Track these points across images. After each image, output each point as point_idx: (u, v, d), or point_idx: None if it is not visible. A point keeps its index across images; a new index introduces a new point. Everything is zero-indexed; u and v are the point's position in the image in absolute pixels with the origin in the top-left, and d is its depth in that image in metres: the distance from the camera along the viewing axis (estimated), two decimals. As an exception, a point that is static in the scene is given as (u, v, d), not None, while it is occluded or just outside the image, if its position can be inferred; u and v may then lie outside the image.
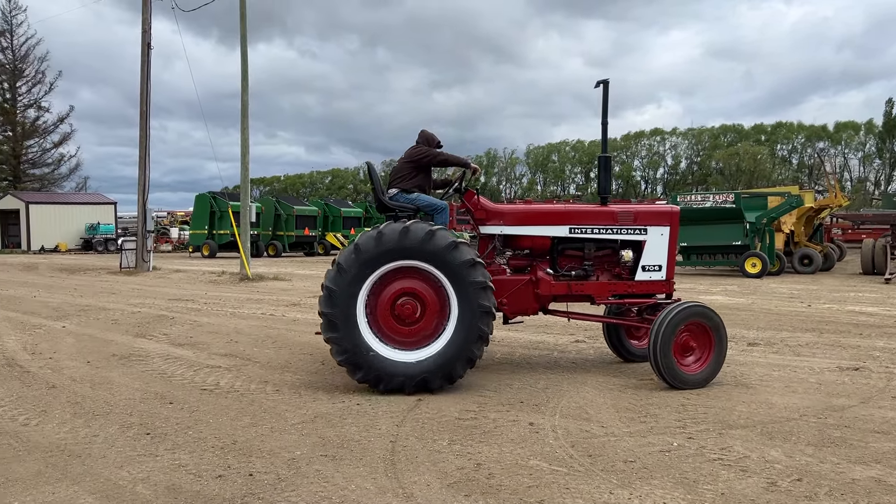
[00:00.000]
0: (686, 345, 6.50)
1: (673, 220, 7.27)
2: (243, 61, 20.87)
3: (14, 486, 4.20)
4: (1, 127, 57.76)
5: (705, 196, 20.74)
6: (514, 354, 8.18)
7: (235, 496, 4.02)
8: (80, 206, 46.52)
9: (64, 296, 15.41)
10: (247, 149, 20.89)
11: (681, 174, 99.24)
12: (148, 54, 23.27)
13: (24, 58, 57.82)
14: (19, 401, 6.20)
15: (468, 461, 4.55)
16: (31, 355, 8.29)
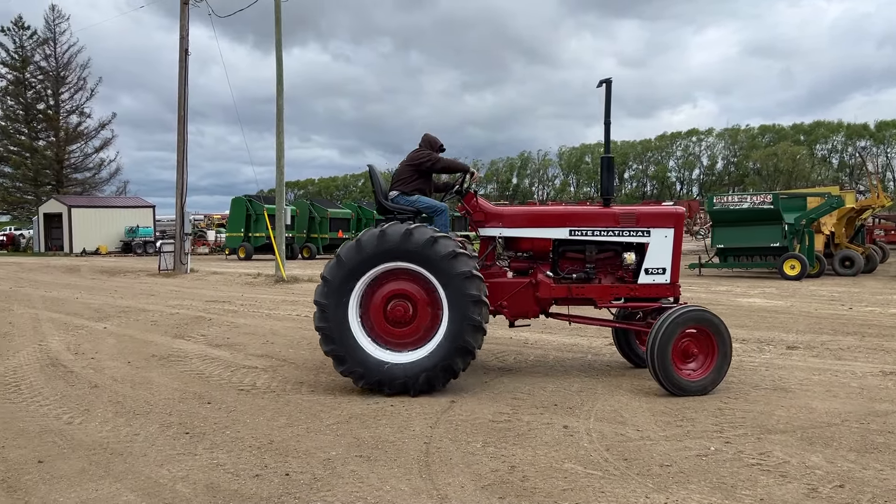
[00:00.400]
0: (687, 350, 6.33)
1: (677, 221, 7.07)
2: (278, 66, 21.13)
3: (59, 482, 4.32)
4: (45, 133, 59.30)
5: (742, 197, 20.39)
6: (548, 357, 8.15)
7: (272, 495, 4.08)
8: (119, 209, 47.53)
9: (105, 297, 15.76)
10: (282, 153, 21.15)
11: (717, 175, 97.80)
12: (185, 60, 23.70)
13: (66, 65, 59.31)
14: (63, 399, 6.37)
15: (502, 463, 4.55)
16: (74, 355, 8.50)
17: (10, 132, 58.16)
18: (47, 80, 58.92)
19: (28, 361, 8.14)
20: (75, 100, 60.05)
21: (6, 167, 57.97)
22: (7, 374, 7.46)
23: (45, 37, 58.65)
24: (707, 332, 6.30)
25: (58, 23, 58.92)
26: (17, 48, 58.30)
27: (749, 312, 11.74)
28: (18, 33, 58.39)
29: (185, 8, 23.66)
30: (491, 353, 8.39)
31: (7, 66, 57.99)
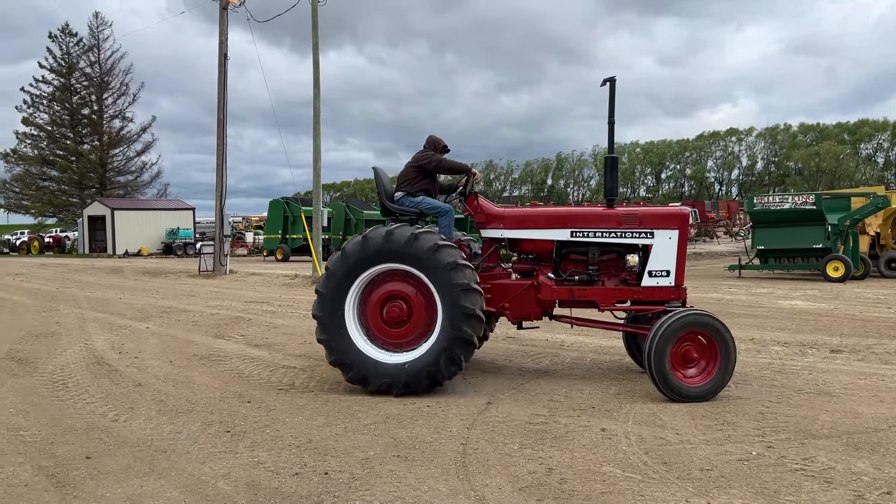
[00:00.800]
0: (687, 355, 6.15)
1: (682, 223, 6.87)
2: (315, 70, 21.36)
3: (106, 478, 4.43)
4: (89, 137, 60.85)
5: (784, 197, 19.98)
6: (585, 359, 8.09)
7: (312, 494, 4.13)
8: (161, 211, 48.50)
9: (147, 298, 16.10)
10: (319, 155, 21.37)
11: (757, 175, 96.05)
12: (224, 65, 24.10)
13: (109, 71, 60.82)
14: (108, 397, 6.53)
15: (539, 465, 4.53)
16: (118, 354, 8.71)
17: (56, 136, 59.82)
18: (92, 86, 60.46)
19: (74, 360, 8.36)
20: (118, 104, 61.60)
21: (53, 171, 59.62)
22: (55, 372, 7.67)
23: (90, 43, 60.24)
24: (708, 337, 6.12)
25: (101, 29, 60.52)
26: (64, 55, 59.97)
27: (791, 315, 11.51)
28: (65, 40, 60.06)
29: (225, 13, 24.07)
30: (527, 354, 8.37)
31: (54, 73, 59.66)
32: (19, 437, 5.30)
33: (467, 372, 7.42)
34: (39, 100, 59.72)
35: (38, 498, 4.12)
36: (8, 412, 6.02)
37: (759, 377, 6.94)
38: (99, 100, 60.69)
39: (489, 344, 9.00)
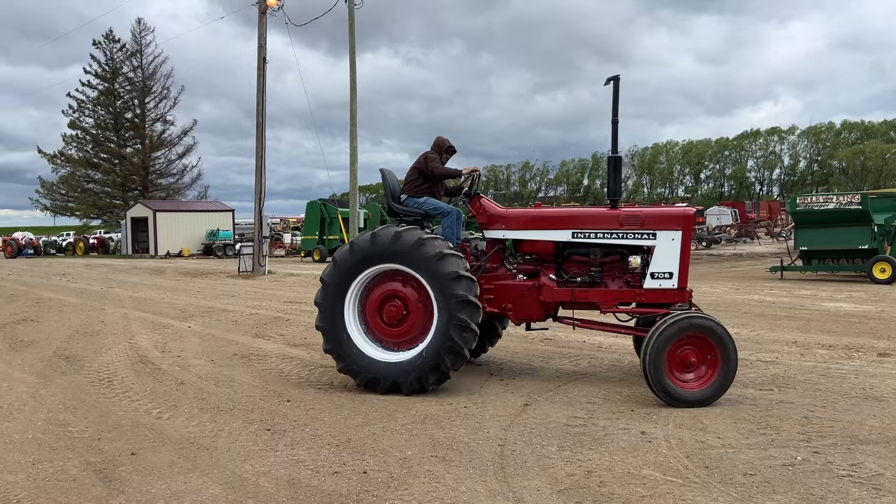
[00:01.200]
0: (685, 360, 6.00)
1: (686, 223, 6.69)
2: (352, 73, 21.55)
3: (151, 474, 4.53)
4: (132, 140, 62.20)
5: (828, 197, 19.51)
6: (623, 361, 8.01)
7: (351, 492, 4.16)
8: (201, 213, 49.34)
9: (188, 298, 16.40)
10: (355, 157, 21.56)
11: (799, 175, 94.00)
12: (263, 68, 24.44)
13: (151, 75, 62.04)
14: (152, 395, 6.67)
15: (578, 468, 4.51)
16: (161, 353, 8.89)
17: (100, 140, 61.29)
18: (134, 90, 61.77)
19: (119, 358, 8.56)
20: (160, 108, 62.76)
21: (97, 173, 61.10)
22: (101, 370, 7.87)
23: (133, 49, 61.56)
24: (707, 341, 5.95)
25: (144, 35, 61.78)
26: (108, 60, 61.41)
27: (836, 318, 11.23)
28: (109, 46, 61.51)
29: (263, 18, 24.41)
30: (564, 356, 8.32)
31: (99, 78, 61.15)
32: (68, 433, 5.44)
33: (503, 373, 7.41)
34: (85, 104, 61.25)
35: (86, 493, 4.23)
36: (57, 408, 6.20)
37: (803, 381, 6.80)
38: (141, 104, 62.00)
39: (525, 345, 8.98)
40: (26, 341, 9.88)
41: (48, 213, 64.14)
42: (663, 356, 5.89)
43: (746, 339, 9.13)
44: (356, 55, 21.66)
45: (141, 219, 47.43)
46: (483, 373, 7.47)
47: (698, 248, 34.79)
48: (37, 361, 8.39)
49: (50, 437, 5.36)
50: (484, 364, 7.91)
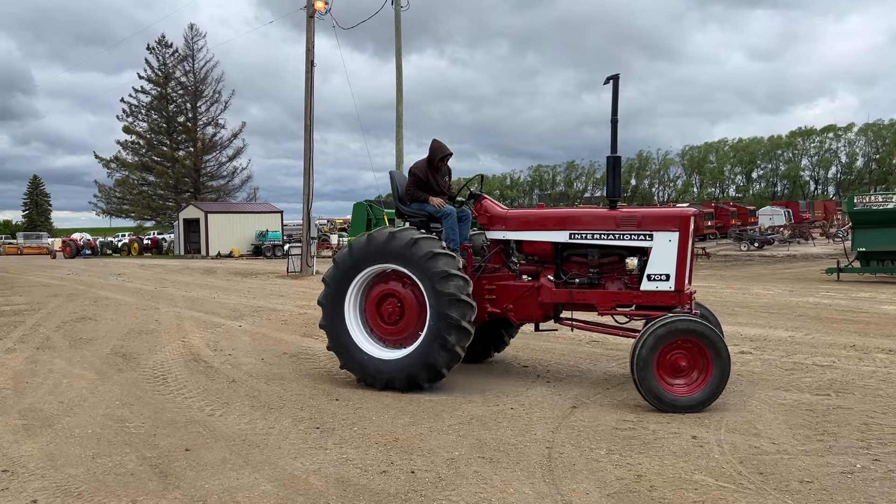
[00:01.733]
0: (676, 364, 5.87)
1: (683, 224, 6.47)
2: (398, 75, 21.69)
3: (205, 470, 4.63)
4: (184, 143, 63.79)
5: (888, 197, 18.85)
6: (673, 364, 7.87)
7: (399, 492, 4.19)
8: (250, 214, 50.27)
9: (239, 297, 16.73)
10: (401, 158, 21.69)
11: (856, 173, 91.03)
12: (311, 71, 24.77)
13: (203, 80, 63.55)
14: (205, 393, 6.82)
15: (628, 472, 4.45)
16: (213, 352, 9.08)
17: (154, 144, 63.02)
18: (186, 94, 63.35)
19: (173, 356, 8.78)
20: (211, 112, 64.24)
21: (151, 176, 62.82)
22: (156, 367, 8.08)
23: (185, 54, 63.13)
24: (699, 345, 5.81)
25: (196, 40, 63.28)
26: (161, 65, 63.09)
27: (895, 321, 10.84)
28: (162, 52, 63.18)
29: (311, 21, 24.74)
30: (612, 358, 8.22)
31: (152, 83, 62.87)
32: (125, 429, 5.61)
33: (550, 375, 7.36)
34: (138, 109, 63.07)
35: (143, 487, 4.35)
36: (115, 404, 6.39)
37: (862, 386, 6.58)
38: (193, 108, 63.52)
39: (571, 347, 8.91)
40: (85, 339, 10.21)
41: (104, 215, 66.18)
42: (652, 360, 5.78)
43: (801, 343, 8.89)
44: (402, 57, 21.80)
45: (193, 220, 48.53)
46: (529, 375, 7.44)
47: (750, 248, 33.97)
48: (95, 358, 8.66)
49: (108, 432, 5.53)
50: (530, 366, 7.87)
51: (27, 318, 12.70)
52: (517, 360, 8.23)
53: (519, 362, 8.08)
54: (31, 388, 7.04)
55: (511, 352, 8.70)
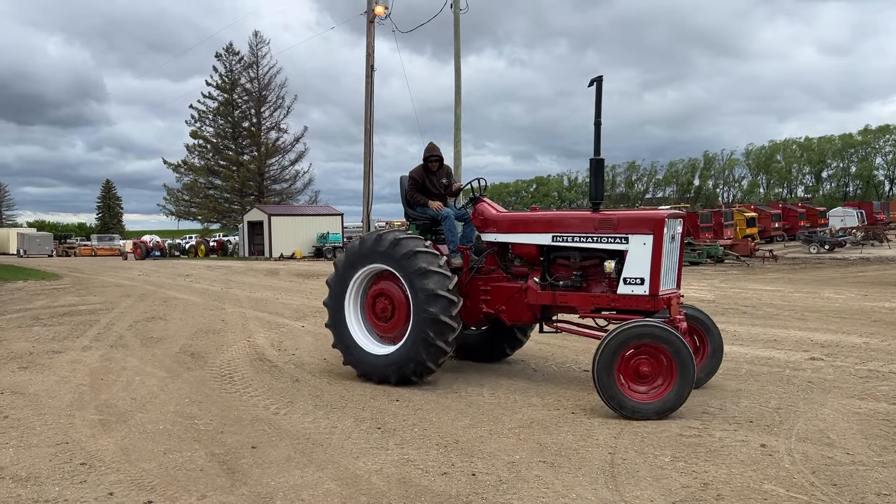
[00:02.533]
0: (639, 370, 5.80)
1: (657, 227, 6.35)
2: (457, 78, 21.76)
3: (270, 468, 4.75)
4: (248, 148, 65.43)
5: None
6: (740, 370, 7.66)
7: (460, 494, 4.20)
8: (312, 217, 51.22)
9: (301, 298, 17.05)
10: (459, 161, 21.74)
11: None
12: (371, 76, 25.09)
13: (267, 85, 65.07)
14: (270, 391, 6.98)
15: (693, 479, 4.35)
16: (277, 351, 9.29)
17: (220, 148, 64.86)
18: (251, 100, 64.96)
19: (239, 356, 9.02)
20: (274, 117, 65.69)
21: (217, 180, 64.67)
22: (223, 366, 8.31)
23: (250, 61, 64.78)
24: (661, 351, 5.69)
25: (260, 47, 64.88)
26: (227, 72, 64.91)
27: (982, 328, 10.28)
28: (228, 59, 65.01)
29: (371, 27, 25.06)
30: (676, 363, 8.04)
31: (219, 89, 64.75)
32: (194, 426, 5.79)
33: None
34: (206, 114, 65.06)
35: (212, 483, 4.48)
36: (184, 402, 6.60)
37: (944, 396, 6.27)
38: (257, 113, 65.10)
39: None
40: (155, 338, 10.59)
41: (173, 217, 68.44)
42: (613, 365, 5.75)
43: (877, 350, 8.52)
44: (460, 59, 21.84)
45: (256, 223, 49.73)
46: (590, 379, 7.34)
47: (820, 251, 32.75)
48: (165, 357, 8.97)
49: (178, 428, 5.72)
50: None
51: (101, 318, 13.24)
52: (578, 364, 8.15)
53: (580, 366, 8.00)
54: (107, 385, 7.33)
55: (571, 355, 8.62)
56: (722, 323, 11.30)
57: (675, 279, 6.69)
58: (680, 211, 7.03)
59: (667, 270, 6.48)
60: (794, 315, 12.04)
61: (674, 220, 6.55)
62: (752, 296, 15.81)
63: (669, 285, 6.56)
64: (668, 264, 6.51)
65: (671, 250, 6.52)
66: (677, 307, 6.55)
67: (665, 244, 6.37)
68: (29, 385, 7.33)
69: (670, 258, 6.53)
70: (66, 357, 8.96)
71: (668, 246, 6.43)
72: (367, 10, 25.07)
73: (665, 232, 6.36)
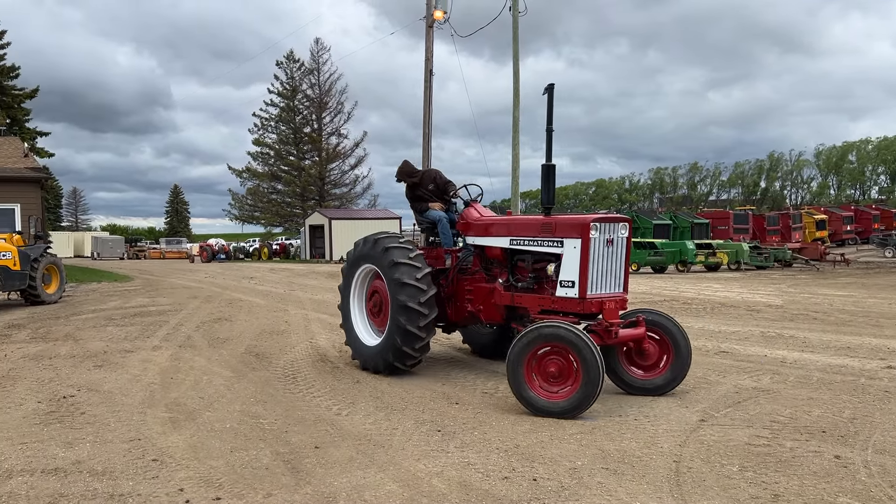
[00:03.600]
0: (547, 370, 6.03)
1: (584, 232, 6.44)
2: (515, 82, 21.69)
3: (333, 468, 4.81)
4: (310, 153, 66.74)
5: None
6: (811, 378, 7.39)
7: (522, 498, 4.18)
8: (371, 220, 51.76)
9: (361, 301, 17.25)
10: (517, 164, 21.66)
11: None
12: (430, 80, 25.25)
13: (327, 91, 66.28)
14: (332, 392, 7.09)
15: (763, 490, 4.22)
16: (338, 353, 9.43)
17: (282, 154, 66.35)
18: (312, 106, 66.28)
19: (302, 356, 9.19)
20: (334, 123, 66.86)
21: (279, 185, 66.13)
22: (286, 367, 8.49)
23: (311, 67, 66.08)
24: (568, 352, 5.88)
25: (321, 54, 66.10)
26: (289, 79, 66.38)
27: None
28: (290, 66, 66.46)
29: (430, 32, 25.24)
30: (743, 370, 7.82)
31: (281, 96, 66.26)
32: (259, 425, 5.92)
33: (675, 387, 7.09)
34: (268, 122, 66.65)
35: (277, 481, 4.58)
36: (249, 401, 6.76)
37: None
38: (318, 119, 66.35)
39: (699, 357, 8.55)
40: (222, 338, 10.88)
41: (237, 221, 70.30)
42: (522, 364, 6.01)
43: (961, 359, 8.10)
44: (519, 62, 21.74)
45: (318, 226, 50.60)
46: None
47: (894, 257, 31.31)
48: (231, 357, 9.21)
49: (244, 427, 5.86)
50: (654, 375, 7.62)
51: (170, 318, 13.69)
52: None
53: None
54: (176, 384, 7.58)
55: (633, 361, 8.47)
56: (791, 329, 10.94)
57: (618, 283, 6.68)
58: (619, 214, 7.61)
59: (601, 274, 6.55)
60: (868, 321, 11.56)
61: (608, 223, 6.61)
62: (822, 301, 15.25)
63: (605, 289, 6.58)
64: (603, 268, 6.57)
65: (607, 254, 6.57)
66: (615, 311, 6.50)
67: (595, 248, 6.47)
68: (103, 383, 7.64)
69: (605, 262, 6.57)
70: (138, 356, 9.30)
71: (600, 250, 6.52)
72: (425, 15, 25.26)
73: (593, 236, 6.45)
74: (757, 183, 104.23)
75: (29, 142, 48.64)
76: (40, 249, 17.34)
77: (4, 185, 25.92)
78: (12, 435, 5.66)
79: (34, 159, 30.12)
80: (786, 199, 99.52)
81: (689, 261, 27.70)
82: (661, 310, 7.29)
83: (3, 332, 11.87)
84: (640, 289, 19.77)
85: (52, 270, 17.87)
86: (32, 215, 21.21)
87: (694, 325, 11.64)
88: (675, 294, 17.90)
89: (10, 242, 16.41)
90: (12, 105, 57.45)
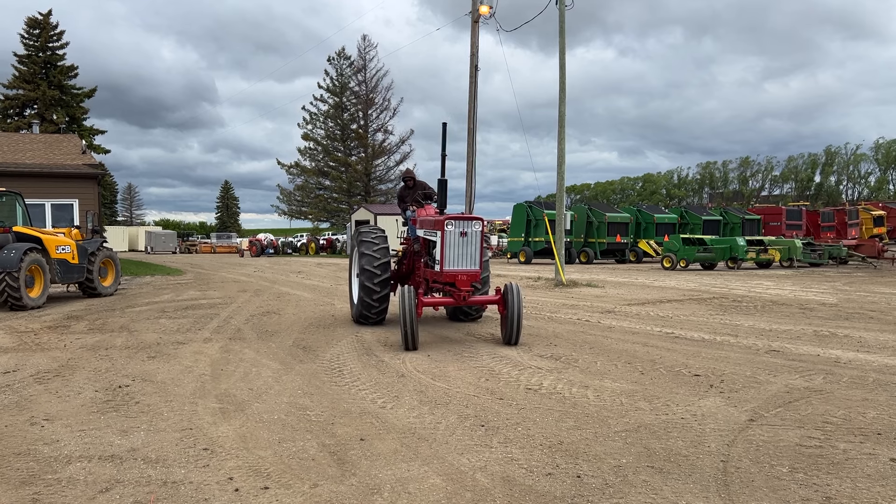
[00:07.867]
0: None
1: (440, 226, 9.46)
2: (561, 75, 21.48)
3: (377, 460, 4.88)
4: (356, 149, 67.33)
5: None
6: (867, 379, 7.18)
7: (566, 495, 4.17)
8: (416, 215, 52.16)
9: (405, 296, 17.36)
10: (563, 158, 21.45)
11: None
12: (475, 75, 25.19)
13: (374, 88, 66.74)
14: (377, 386, 7.17)
15: (815, 493, 4.12)
16: (383, 347, 9.51)
17: (330, 150, 67.09)
18: (359, 103, 66.82)
19: (347, 350, 9.31)
20: (381, 119, 67.28)
21: (326, 180, 66.92)
22: (332, 360, 8.61)
23: (359, 65, 66.62)
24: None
25: (368, 51, 66.57)
26: (338, 76, 67.05)
27: None
28: (339, 63, 67.13)
29: (476, 27, 25.16)
30: (794, 369, 7.64)
31: (329, 92, 66.99)
32: (306, 417, 6.03)
33: (724, 385, 6.97)
34: (317, 117, 67.47)
35: (323, 472, 4.66)
36: (297, 393, 6.89)
37: None
38: (365, 115, 66.86)
39: (748, 356, 8.39)
40: (270, 331, 11.09)
41: (285, 216, 71.41)
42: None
43: None
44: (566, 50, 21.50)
45: (363, 221, 50.90)
46: (702, 384, 7.10)
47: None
48: (279, 350, 9.38)
49: (292, 418, 5.97)
50: (702, 374, 7.51)
51: (221, 311, 14.01)
52: (687, 367, 7.89)
53: (689, 370, 7.73)
54: (226, 375, 7.76)
55: (681, 359, 8.36)
56: (845, 328, 10.63)
57: (473, 262, 9.38)
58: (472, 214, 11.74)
59: (455, 256, 9.34)
60: None
61: (463, 221, 9.38)
62: (880, 300, 14.77)
63: (459, 266, 9.35)
64: (457, 252, 9.34)
65: (460, 242, 9.33)
66: (466, 282, 9.30)
67: (449, 237, 9.29)
68: (157, 373, 7.87)
69: (459, 248, 9.34)
70: (190, 348, 9.55)
71: (454, 239, 9.31)
72: (471, 10, 25.20)
73: (448, 230, 9.28)
74: (811, 178, 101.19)
75: (87, 139, 50.08)
76: (97, 243, 17.92)
77: (63, 182, 26.85)
78: (72, 422, 5.88)
79: (91, 156, 31.10)
80: (842, 194, 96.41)
81: (740, 257, 27.13)
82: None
83: (63, 324, 12.32)
84: (688, 286, 19.43)
85: (108, 264, 18.46)
86: (90, 210, 21.94)
87: (744, 324, 11.40)
88: (724, 291, 17.54)
89: (68, 237, 17.00)
90: (71, 104, 59.29)
